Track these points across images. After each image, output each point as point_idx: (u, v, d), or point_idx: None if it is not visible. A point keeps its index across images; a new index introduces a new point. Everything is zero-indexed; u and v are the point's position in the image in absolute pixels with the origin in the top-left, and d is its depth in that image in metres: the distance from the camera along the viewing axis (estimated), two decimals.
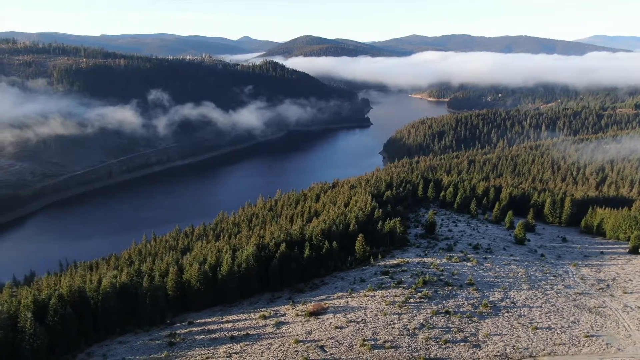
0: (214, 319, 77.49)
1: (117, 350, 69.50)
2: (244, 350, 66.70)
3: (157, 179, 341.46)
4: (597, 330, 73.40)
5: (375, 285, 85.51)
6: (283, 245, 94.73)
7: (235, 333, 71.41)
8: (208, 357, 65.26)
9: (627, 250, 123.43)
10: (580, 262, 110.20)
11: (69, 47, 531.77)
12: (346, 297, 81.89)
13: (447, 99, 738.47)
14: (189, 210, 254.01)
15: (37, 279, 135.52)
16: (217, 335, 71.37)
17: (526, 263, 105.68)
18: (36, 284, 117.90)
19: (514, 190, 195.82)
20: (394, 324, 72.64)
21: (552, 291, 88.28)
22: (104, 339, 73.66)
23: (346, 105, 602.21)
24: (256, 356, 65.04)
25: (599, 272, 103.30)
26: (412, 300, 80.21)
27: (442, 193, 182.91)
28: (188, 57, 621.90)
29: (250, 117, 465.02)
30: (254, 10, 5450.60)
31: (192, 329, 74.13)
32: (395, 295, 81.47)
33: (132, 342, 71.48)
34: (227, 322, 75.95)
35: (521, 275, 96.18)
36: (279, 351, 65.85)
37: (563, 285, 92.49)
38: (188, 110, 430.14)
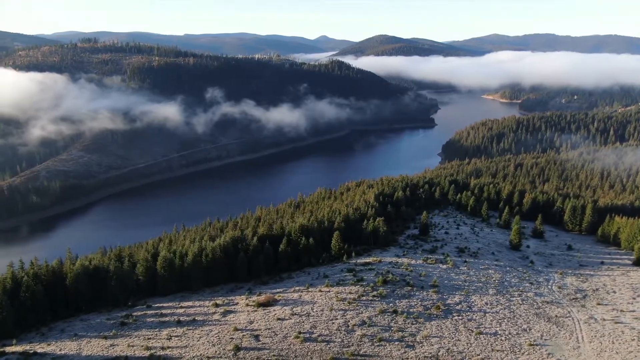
0: (171, 304, 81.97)
1: (76, 326, 75.31)
2: (185, 334, 70.45)
3: (214, 173, 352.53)
4: (546, 340, 71.39)
5: (334, 282, 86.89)
6: (255, 239, 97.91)
7: (184, 318, 75.40)
8: (150, 338, 69.59)
9: (632, 261, 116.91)
10: (570, 271, 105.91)
11: (145, 46, 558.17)
12: (301, 292, 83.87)
13: (519, 101, 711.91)
14: (237, 204, 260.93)
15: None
16: (166, 319, 75.65)
17: (508, 269, 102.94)
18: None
19: (539, 195, 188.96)
20: (336, 319, 73.97)
21: (517, 298, 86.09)
22: (71, 316, 79.83)
23: (412, 105, 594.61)
24: (193, 340, 68.64)
25: (585, 282, 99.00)
26: (364, 298, 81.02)
27: (459, 195, 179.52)
28: (257, 56, 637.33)
29: (314, 115, 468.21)
30: (332, 10, 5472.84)
31: (148, 312, 78.87)
32: (349, 293, 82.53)
33: (91, 320, 77.15)
34: (182, 307, 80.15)
35: (494, 280, 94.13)
36: (215, 337, 69.09)
37: (534, 292, 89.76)
38: (250, 108, 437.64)
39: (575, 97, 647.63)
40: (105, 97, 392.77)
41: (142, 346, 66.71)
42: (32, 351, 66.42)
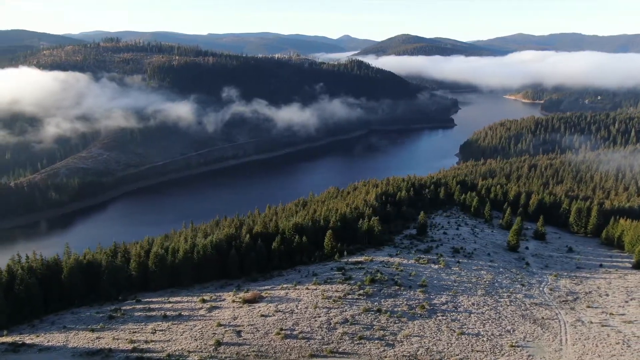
0: (160, 299, 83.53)
1: (66, 319, 77.33)
2: (170, 328, 71.88)
3: (230, 172, 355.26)
4: (528, 341, 71.09)
5: (321, 280, 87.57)
6: (247, 237, 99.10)
7: (170, 313, 76.83)
8: (135, 332, 71.17)
9: (632, 264, 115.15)
10: (565, 274, 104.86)
11: (166, 45, 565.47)
12: (288, 289, 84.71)
13: (542, 101, 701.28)
14: (250, 202, 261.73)
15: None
16: (153, 313, 77.18)
17: (501, 270, 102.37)
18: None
19: (546, 196, 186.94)
20: (319, 317, 74.67)
21: (506, 299, 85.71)
22: (63, 309, 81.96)
23: (431, 105, 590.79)
24: (177, 334, 70.01)
25: (579, 284, 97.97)
26: (350, 296, 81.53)
27: (463, 196, 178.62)
28: (277, 56, 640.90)
29: (329, 114, 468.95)
30: (356, 9, 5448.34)
31: (136, 306, 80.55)
32: (336, 291, 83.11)
33: (82, 314, 79.11)
34: (170, 302, 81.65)
35: (485, 281, 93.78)
36: (198, 332, 70.36)
37: (524, 294, 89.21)
38: (265, 107, 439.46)
39: (599, 97, 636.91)
40: (125, 95, 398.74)
41: (126, 339, 68.26)
42: (20, 342, 68.47)
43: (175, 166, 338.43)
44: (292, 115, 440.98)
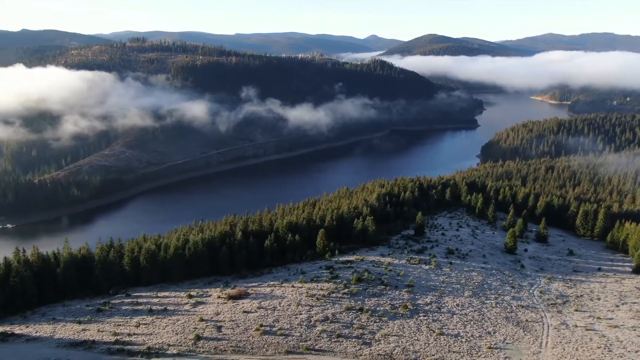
0: (149, 293, 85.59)
1: (57, 311, 79.91)
2: (153, 322, 73.69)
3: (250, 171, 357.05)
4: (508, 344, 70.82)
5: (308, 278, 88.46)
6: (240, 235, 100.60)
7: (156, 307, 78.68)
8: (120, 325, 73.22)
9: (632, 269, 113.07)
10: (560, 277, 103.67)
11: (190, 45, 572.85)
12: (274, 286, 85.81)
13: (569, 102, 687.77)
14: (266, 201, 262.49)
15: None
16: (140, 307, 79.17)
17: (493, 271, 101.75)
18: None
19: (555, 199, 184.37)
20: (300, 314, 75.57)
21: (492, 301, 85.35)
22: (56, 302, 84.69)
23: (455, 105, 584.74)
24: (159, 328, 71.75)
25: (571, 287, 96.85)
26: (334, 295, 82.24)
27: (468, 197, 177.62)
28: (300, 56, 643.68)
29: (350, 114, 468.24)
30: (383, 9, 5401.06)
31: (125, 300, 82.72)
32: (321, 289, 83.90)
33: (72, 306, 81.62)
34: (157, 297, 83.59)
35: (474, 282, 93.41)
36: (179, 326, 72.00)
37: (512, 296, 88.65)
38: (286, 107, 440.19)
39: (628, 99, 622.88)
40: (149, 95, 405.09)
41: (110, 332, 70.29)
42: (10, 332, 71.14)
43: (194, 165, 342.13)
44: (312, 115, 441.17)
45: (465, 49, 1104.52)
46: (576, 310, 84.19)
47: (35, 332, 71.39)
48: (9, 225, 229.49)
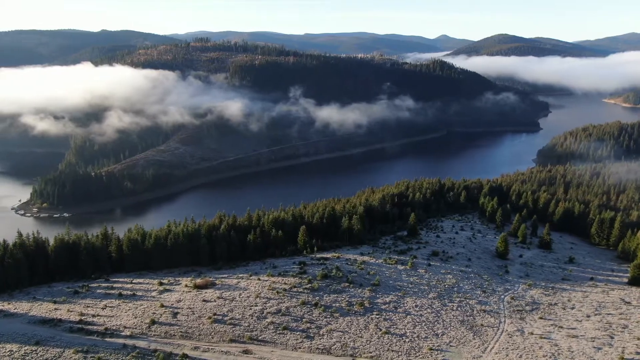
0: (126, 279, 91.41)
1: (41, 291, 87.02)
2: (119, 305, 79.16)
3: (300, 169, 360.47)
4: (451, 347, 71.08)
5: (277, 272, 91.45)
6: (223, 227, 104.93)
7: (126, 292, 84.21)
8: (89, 306, 79.18)
9: (627, 279, 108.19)
10: (543, 284, 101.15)
11: (251, 44, 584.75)
12: (242, 279, 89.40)
13: None
14: (306, 199, 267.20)
15: None
16: (112, 291, 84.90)
17: (471, 275, 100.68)
18: None
19: (577, 205, 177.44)
20: (255, 306, 78.80)
21: (455, 304, 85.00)
22: (44, 283, 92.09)
23: (517, 108, 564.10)
24: (122, 311, 77.07)
25: (549, 295, 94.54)
26: (295, 289, 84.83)
27: (482, 201, 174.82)
28: (360, 56, 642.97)
29: (405, 115, 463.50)
30: (454, 9, 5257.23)
31: (102, 284, 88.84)
32: (285, 283, 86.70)
33: (55, 288, 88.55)
34: (132, 283, 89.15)
35: (444, 285, 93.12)
36: (139, 310, 77.03)
37: (478, 300, 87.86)
38: (339, 106, 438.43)
39: None
40: (206, 93, 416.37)
41: (78, 312, 76.30)
42: None
43: (246, 162, 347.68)
44: (365, 115, 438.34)
45: (535, 49, 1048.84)
46: (540, 318, 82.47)
47: (14, 309, 78.42)
48: (65, 214, 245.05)
